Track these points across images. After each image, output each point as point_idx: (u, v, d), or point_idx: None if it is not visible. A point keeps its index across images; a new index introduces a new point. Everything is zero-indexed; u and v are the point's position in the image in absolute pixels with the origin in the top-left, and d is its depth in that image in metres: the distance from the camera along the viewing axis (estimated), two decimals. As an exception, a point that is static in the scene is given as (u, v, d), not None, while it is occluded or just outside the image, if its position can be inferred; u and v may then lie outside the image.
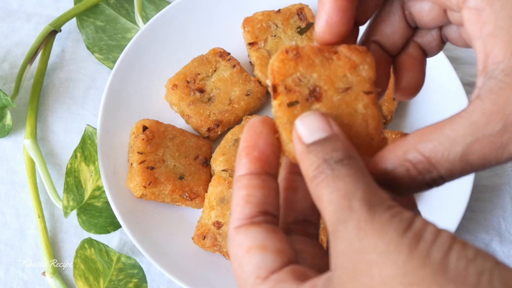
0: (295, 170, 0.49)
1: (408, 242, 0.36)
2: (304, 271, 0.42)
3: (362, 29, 0.52)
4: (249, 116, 0.89)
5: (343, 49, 0.46)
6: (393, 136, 0.88)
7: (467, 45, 0.50)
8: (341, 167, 0.40)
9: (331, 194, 0.39)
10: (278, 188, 0.46)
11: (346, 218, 0.38)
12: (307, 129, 0.43)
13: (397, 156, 0.43)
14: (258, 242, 0.42)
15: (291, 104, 0.45)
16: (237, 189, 0.44)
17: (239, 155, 0.45)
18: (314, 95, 0.45)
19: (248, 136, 0.45)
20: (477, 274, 0.35)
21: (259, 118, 0.46)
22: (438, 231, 0.37)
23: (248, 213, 0.43)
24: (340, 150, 0.42)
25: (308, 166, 0.42)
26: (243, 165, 0.45)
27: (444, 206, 0.86)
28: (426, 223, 0.37)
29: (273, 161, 0.45)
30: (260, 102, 0.91)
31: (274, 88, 0.45)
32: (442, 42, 0.52)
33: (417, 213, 0.46)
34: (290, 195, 0.49)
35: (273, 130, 0.46)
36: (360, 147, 0.45)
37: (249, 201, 0.44)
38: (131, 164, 0.85)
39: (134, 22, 0.98)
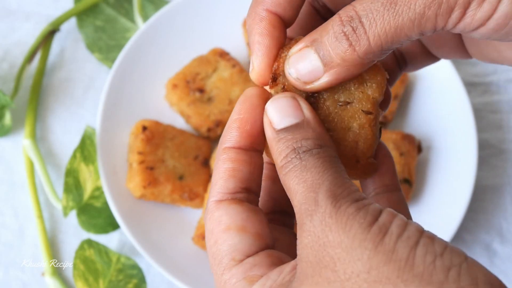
0: None
1: (373, 237, 0.35)
2: (280, 256, 0.41)
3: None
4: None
5: None
6: (393, 136, 0.87)
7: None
8: (309, 157, 0.39)
9: (298, 185, 0.39)
10: (263, 164, 0.45)
11: (312, 212, 0.37)
12: (278, 113, 0.42)
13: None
14: (238, 222, 0.41)
15: None
16: (222, 162, 0.43)
17: (229, 126, 0.44)
18: (311, 101, 0.43)
19: (243, 108, 0.44)
20: (444, 269, 0.34)
21: (256, 91, 0.44)
22: (405, 224, 0.36)
23: (231, 188, 0.42)
24: (311, 138, 0.40)
25: (278, 154, 0.41)
26: (233, 138, 0.43)
27: (445, 206, 0.86)
28: (393, 216, 0.36)
29: (262, 137, 0.44)
30: (260, 102, 0.91)
31: (274, 77, 0.44)
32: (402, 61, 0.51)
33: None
34: (269, 185, 0.48)
35: None
36: (344, 166, 0.42)
37: (234, 176, 0.43)
38: (131, 164, 0.85)
39: (133, 21, 0.98)
